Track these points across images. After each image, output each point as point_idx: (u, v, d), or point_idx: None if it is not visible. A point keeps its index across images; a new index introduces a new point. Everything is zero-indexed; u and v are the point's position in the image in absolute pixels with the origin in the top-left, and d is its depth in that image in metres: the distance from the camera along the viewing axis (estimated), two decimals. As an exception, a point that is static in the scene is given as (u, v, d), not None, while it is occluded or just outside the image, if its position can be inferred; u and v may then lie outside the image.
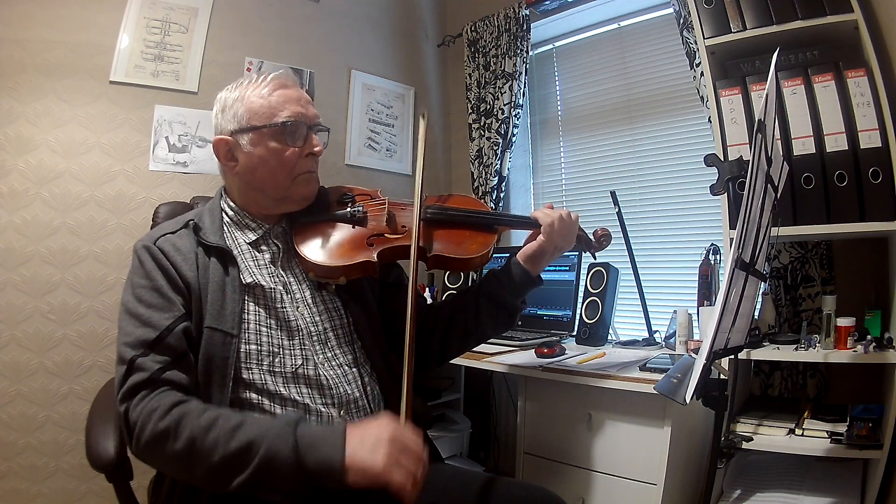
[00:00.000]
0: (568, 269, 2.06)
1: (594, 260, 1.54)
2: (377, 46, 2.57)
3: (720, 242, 1.71)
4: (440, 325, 1.22)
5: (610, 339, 1.94)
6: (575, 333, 1.94)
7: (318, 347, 1.05)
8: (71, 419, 1.77)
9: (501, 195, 2.48)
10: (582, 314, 1.92)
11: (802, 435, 1.36)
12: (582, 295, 1.96)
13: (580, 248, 1.33)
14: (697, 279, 1.73)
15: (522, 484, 1.11)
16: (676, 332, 1.69)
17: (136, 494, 1.12)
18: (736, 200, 1.28)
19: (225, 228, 1.10)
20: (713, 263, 1.73)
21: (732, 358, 1.23)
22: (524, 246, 1.22)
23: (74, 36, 1.83)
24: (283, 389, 0.99)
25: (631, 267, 1.91)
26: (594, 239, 1.33)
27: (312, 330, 1.06)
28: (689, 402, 0.92)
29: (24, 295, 1.75)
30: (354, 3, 2.49)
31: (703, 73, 1.63)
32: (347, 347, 1.10)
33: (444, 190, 2.71)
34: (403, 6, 2.69)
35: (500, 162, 2.44)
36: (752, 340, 1.44)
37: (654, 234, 2.19)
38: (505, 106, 2.41)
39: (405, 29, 2.68)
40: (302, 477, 0.82)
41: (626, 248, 1.89)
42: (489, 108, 2.48)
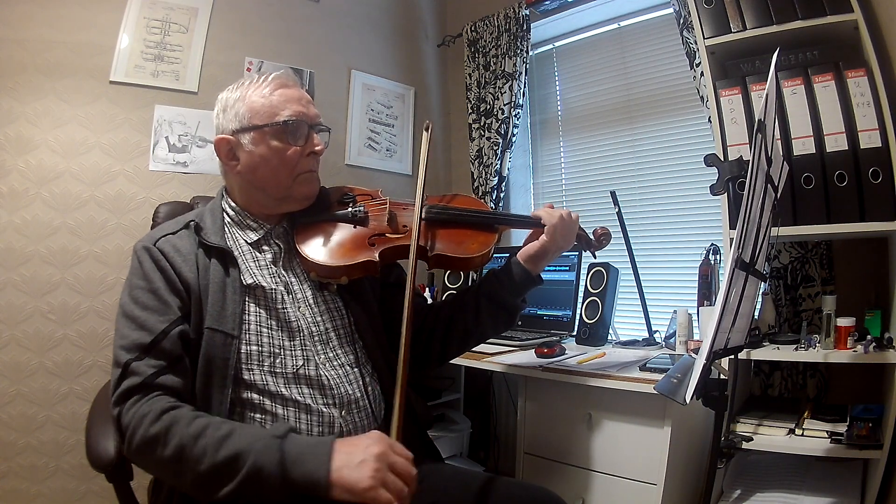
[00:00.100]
0: (568, 269, 2.06)
1: (594, 259, 1.54)
2: (377, 46, 2.57)
3: (720, 242, 1.71)
4: (440, 324, 1.22)
5: (610, 339, 1.94)
6: (575, 333, 1.94)
7: (319, 347, 1.05)
8: (71, 419, 1.77)
9: (501, 195, 2.48)
10: (582, 314, 1.92)
11: (802, 435, 1.36)
12: (582, 295, 1.96)
13: (580, 247, 1.33)
14: (697, 279, 1.73)
15: (522, 484, 1.11)
16: (676, 332, 1.69)
17: (136, 494, 1.12)
18: (736, 200, 1.28)
19: (226, 229, 1.10)
20: (713, 263, 1.73)
21: (732, 358, 1.23)
22: (524, 245, 1.22)
23: (74, 36, 1.83)
24: (284, 390, 0.99)
25: (631, 267, 1.91)
26: (594, 238, 1.33)
27: (314, 330, 1.06)
28: (689, 402, 0.92)
29: (24, 295, 1.75)
30: (354, 3, 2.49)
31: (703, 73, 1.63)
32: (349, 347, 1.10)
33: (444, 190, 2.69)
34: (403, 6, 2.69)
35: (500, 162, 2.44)
36: (752, 340, 1.44)
37: (654, 234, 2.19)
38: (505, 106, 2.41)
39: (405, 29, 2.68)
40: (287, 491, 0.81)
41: (626, 248, 1.89)
42: (489, 108, 2.48)
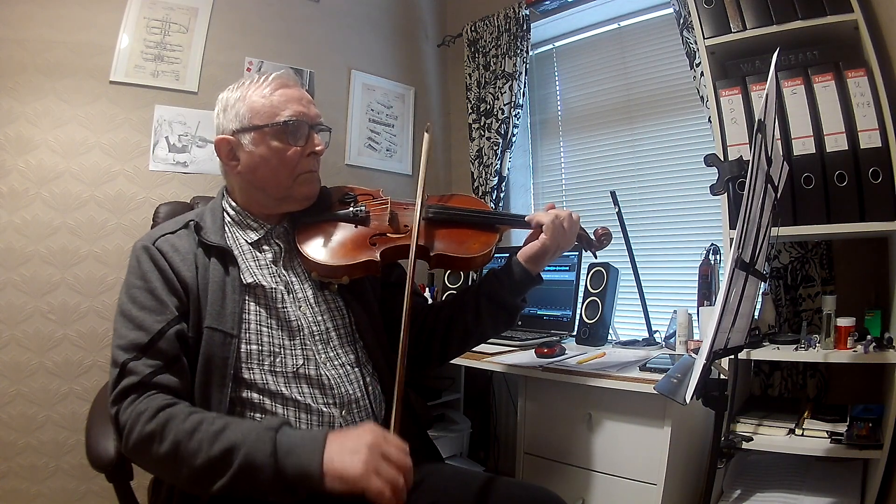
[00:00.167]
0: (568, 269, 2.06)
1: (595, 259, 1.54)
2: (377, 46, 2.57)
3: (720, 242, 1.71)
4: (440, 325, 1.22)
5: (610, 339, 1.94)
6: (575, 333, 1.94)
7: (320, 347, 1.05)
8: (71, 419, 1.77)
9: (501, 195, 2.48)
10: (582, 314, 1.92)
11: (802, 435, 1.36)
12: (582, 295, 1.96)
13: (581, 246, 1.33)
14: (697, 279, 1.73)
15: (522, 484, 1.11)
16: (676, 332, 1.69)
17: (136, 494, 1.12)
18: (736, 200, 1.28)
19: (226, 228, 1.10)
20: (713, 263, 1.73)
21: (732, 358, 1.23)
22: (525, 245, 1.22)
23: (74, 36, 1.83)
24: (284, 389, 0.99)
25: (631, 267, 1.91)
26: (595, 238, 1.33)
27: (315, 329, 1.06)
28: (689, 402, 0.92)
29: (24, 295, 1.75)
30: (354, 3, 2.49)
31: (703, 73, 1.63)
32: (349, 347, 1.10)
33: (444, 190, 2.70)
34: (403, 6, 2.69)
35: (500, 162, 2.44)
36: (752, 340, 1.44)
37: (654, 234, 2.19)
38: (505, 106, 2.41)
39: (405, 29, 2.68)
40: (280, 482, 0.82)
41: (626, 248, 1.89)
42: (489, 108, 2.48)
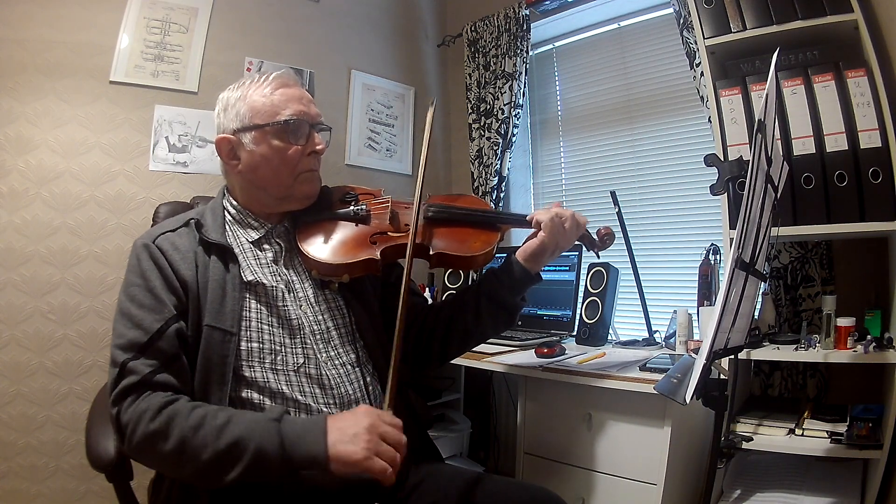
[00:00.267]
0: (568, 269, 2.06)
1: (598, 259, 1.54)
2: (377, 46, 2.57)
3: (720, 242, 1.71)
4: (440, 325, 1.22)
5: (610, 339, 1.94)
6: (575, 333, 1.94)
7: (320, 346, 1.05)
8: (71, 419, 1.77)
9: (501, 195, 2.48)
10: (582, 314, 1.92)
11: (802, 435, 1.36)
12: (582, 295, 1.96)
13: (584, 246, 1.32)
14: (697, 279, 1.73)
15: (522, 484, 1.11)
16: (676, 332, 1.69)
17: (136, 494, 1.12)
18: (736, 200, 1.28)
19: (227, 227, 1.10)
20: (713, 263, 1.73)
21: (732, 358, 1.23)
22: (524, 244, 1.21)
23: (74, 36, 1.83)
24: (285, 388, 0.99)
25: (631, 267, 1.91)
26: (598, 238, 1.33)
27: (315, 328, 1.06)
28: (689, 402, 0.92)
29: (24, 295, 1.75)
30: (354, 3, 2.49)
31: (703, 73, 1.62)
32: (350, 346, 1.10)
33: (444, 190, 2.71)
34: (403, 6, 2.68)
35: (500, 162, 2.44)
36: (752, 340, 1.43)
37: (654, 234, 2.19)
38: (505, 106, 2.41)
39: (405, 29, 2.68)
40: (287, 469, 0.87)
41: (626, 248, 1.89)
42: (489, 108, 2.48)
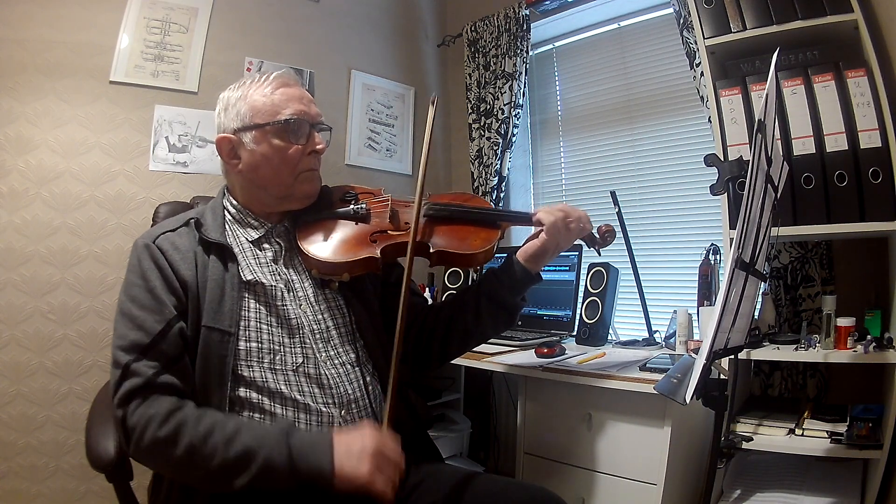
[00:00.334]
0: (568, 269, 2.06)
1: (599, 256, 1.54)
2: (377, 46, 2.57)
3: (720, 242, 1.71)
4: (440, 325, 1.22)
5: (610, 339, 1.94)
6: (575, 333, 1.94)
7: (320, 345, 1.05)
8: (71, 419, 1.77)
9: (501, 195, 2.48)
10: (582, 314, 1.92)
11: (802, 435, 1.36)
12: (582, 295, 1.96)
13: (585, 243, 1.32)
14: (697, 279, 1.73)
15: (522, 484, 1.11)
16: (676, 332, 1.69)
17: (136, 494, 1.12)
18: (736, 200, 1.28)
19: (227, 226, 1.10)
20: (713, 263, 1.73)
21: (732, 358, 1.23)
22: (525, 244, 1.21)
23: (74, 36, 1.83)
24: (283, 388, 0.99)
25: (631, 267, 1.91)
26: (599, 236, 1.32)
27: (315, 328, 1.06)
28: (689, 402, 0.92)
29: (24, 295, 1.75)
30: (354, 3, 2.49)
31: (703, 73, 1.62)
32: (350, 346, 1.10)
33: (444, 190, 2.71)
34: (403, 6, 2.69)
35: (500, 162, 2.44)
36: (752, 340, 1.43)
37: (654, 234, 2.19)
38: (505, 106, 2.41)
39: (405, 29, 2.68)
40: (295, 481, 0.89)
41: (626, 248, 1.89)
42: (489, 108, 2.48)
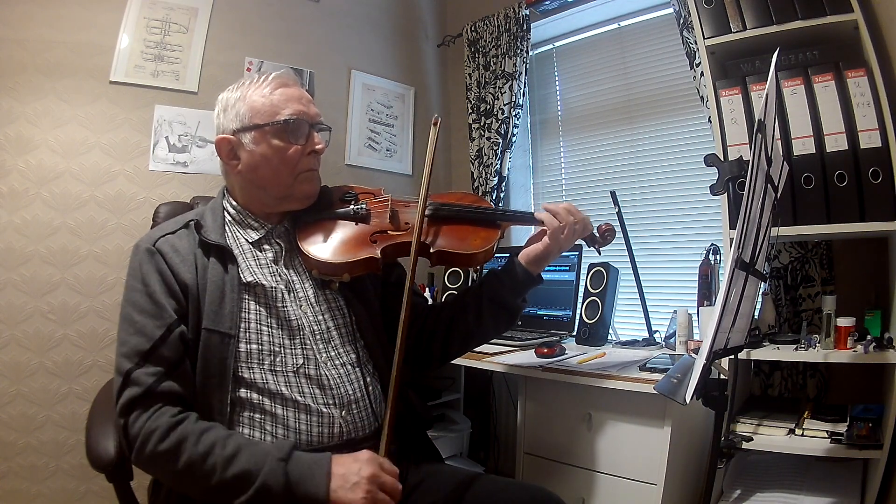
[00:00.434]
0: (568, 269, 2.06)
1: (599, 256, 1.54)
2: (377, 46, 2.57)
3: (720, 242, 1.71)
4: (441, 326, 1.22)
5: (610, 339, 1.94)
6: (575, 333, 1.94)
7: (321, 346, 1.05)
8: (71, 419, 1.77)
9: (501, 195, 2.48)
10: (582, 314, 1.92)
11: (802, 435, 1.36)
12: (582, 295, 1.96)
13: (585, 242, 1.32)
14: (697, 279, 1.73)
15: (522, 484, 1.11)
16: (676, 332, 1.69)
17: (136, 494, 1.12)
18: (736, 200, 1.28)
19: (227, 227, 1.10)
20: (713, 263, 1.73)
21: (732, 358, 1.23)
22: (527, 246, 1.21)
23: (74, 36, 1.83)
24: (284, 389, 0.99)
25: (631, 267, 1.91)
26: (598, 234, 1.32)
27: (315, 329, 1.06)
28: (689, 402, 0.92)
29: (24, 295, 1.75)
30: (354, 3, 2.49)
31: (703, 73, 1.62)
32: (350, 346, 1.10)
33: (444, 189, 2.71)
34: (403, 6, 2.69)
35: (500, 162, 2.44)
36: (752, 340, 1.43)
37: (654, 234, 2.19)
38: (505, 106, 2.41)
39: (405, 29, 2.68)
40: (290, 502, 0.88)
41: (626, 248, 1.89)
42: (489, 108, 2.48)
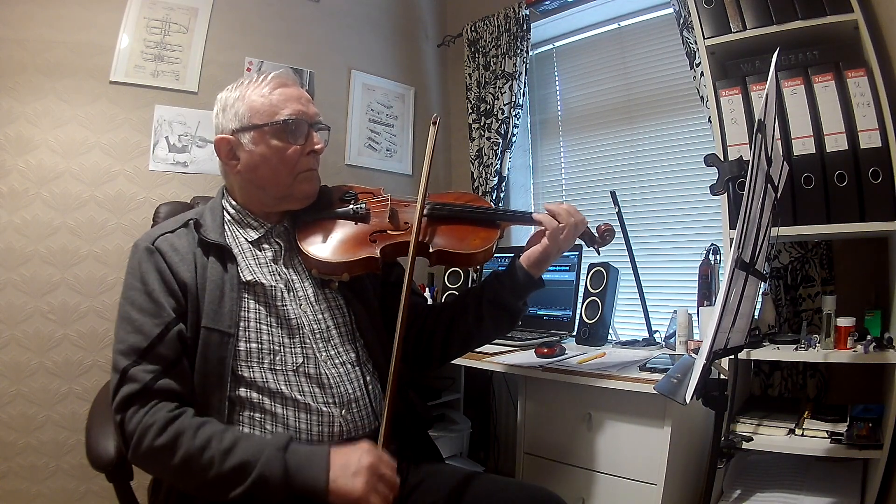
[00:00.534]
0: (568, 269, 2.06)
1: (599, 256, 1.54)
2: (377, 46, 2.57)
3: (720, 242, 1.71)
4: (441, 327, 1.22)
5: (610, 339, 1.94)
6: (575, 333, 1.94)
7: (320, 345, 1.05)
8: (71, 419, 1.77)
9: (501, 195, 2.48)
10: (582, 314, 1.92)
11: (802, 435, 1.36)
12: (582, 295, 1.96)
13: (584, 242, 1.32)
14: (697, 279, 1.73)
15: (522, 484, 1.11)
16: (676, 332, 1.69)
17: (136, 494, 1.12)
18: (736, 200, 1.28)
19: (226, 227, 1.10)
20: (713, 263, 1.73)
21: (732, 358, 1.23)
22: (527, 249, 1.21)
23: (74, 36, 1.83)
24: (284, 388, 0.99)
25: (631, 267, 1.91)
26: (598, 234, 1.32)
27: (315, 328, 1.06)
28: (689, 402, 0.92)
29: (24, 295, 1.75)
30: (354, 3, 2.49)
31: (703, 73, 1.62)
32: (350, 346, 1.10)
33: (443, 189, 2.71)
34: (403, 6, 2.69)
35: (500, 162, 2.44)
36: (752, 340, 1.43)
37: (654, 234, 2.19)
38: (505, 106, 2.41)
39: (405, 29, 2.68)
40: (289, 495, 0.88)
41: (626, 248, 1.89)
42: (489, 108, 2.48)
